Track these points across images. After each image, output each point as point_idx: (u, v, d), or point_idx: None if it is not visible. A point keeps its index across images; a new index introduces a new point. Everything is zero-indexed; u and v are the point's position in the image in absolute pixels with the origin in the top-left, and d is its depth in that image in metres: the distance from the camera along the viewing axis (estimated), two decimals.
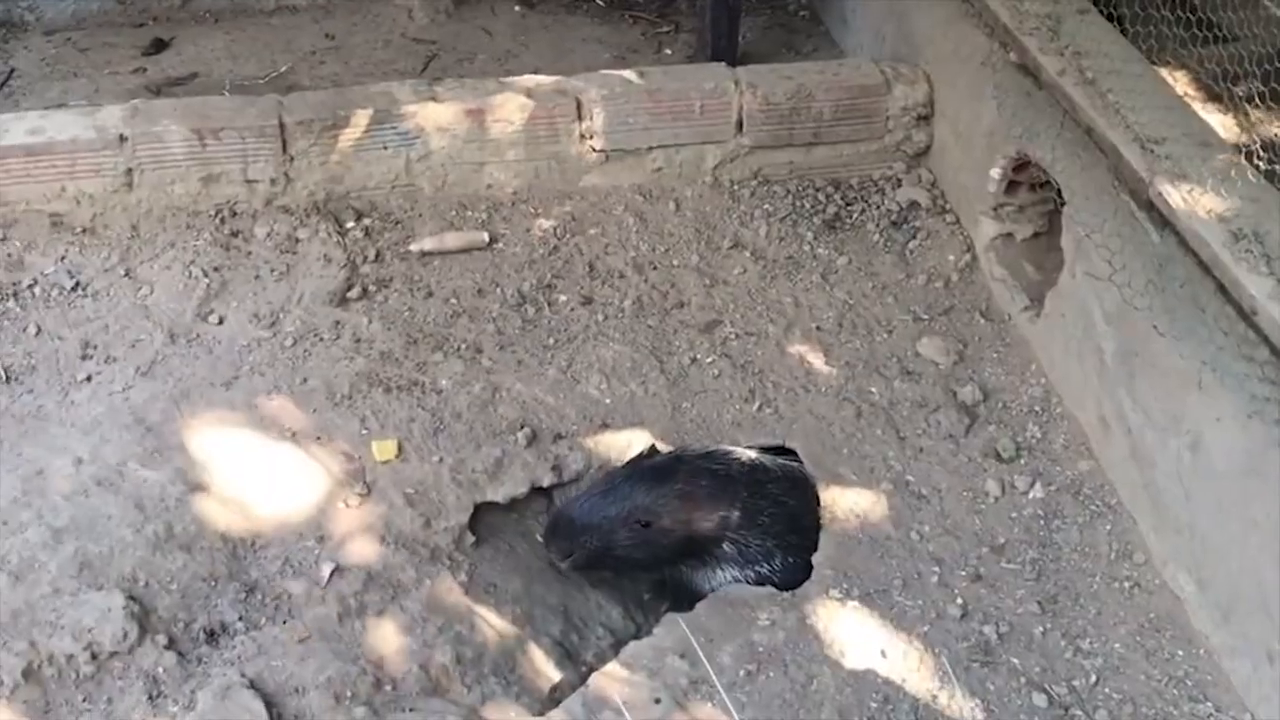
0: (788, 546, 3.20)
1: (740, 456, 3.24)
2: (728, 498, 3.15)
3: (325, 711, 2.62)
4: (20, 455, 3.07)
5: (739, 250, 3.95)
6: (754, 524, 3.18)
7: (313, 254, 3.80)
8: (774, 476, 3.25)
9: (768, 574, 3.18)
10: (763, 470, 3.24)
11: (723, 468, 3.19)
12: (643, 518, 3.09)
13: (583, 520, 3.10)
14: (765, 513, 3.19)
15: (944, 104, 4.07)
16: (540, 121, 4.00)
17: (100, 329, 3.50)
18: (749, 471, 3.21)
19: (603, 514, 3.09)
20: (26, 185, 3.72)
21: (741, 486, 3.17)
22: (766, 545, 3.19)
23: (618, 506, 3.09)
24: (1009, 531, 3.17)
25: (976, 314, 3.77)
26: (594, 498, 3.13)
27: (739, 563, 3.19)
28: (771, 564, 3.19)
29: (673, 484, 3.13)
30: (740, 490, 3.17)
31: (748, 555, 3.18)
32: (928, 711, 2.77)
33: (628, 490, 3.11)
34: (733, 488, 3.16)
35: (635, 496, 3.10)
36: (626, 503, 3.09)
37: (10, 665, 2.57)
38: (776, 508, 3.21)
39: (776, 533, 3.19)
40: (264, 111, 3.87)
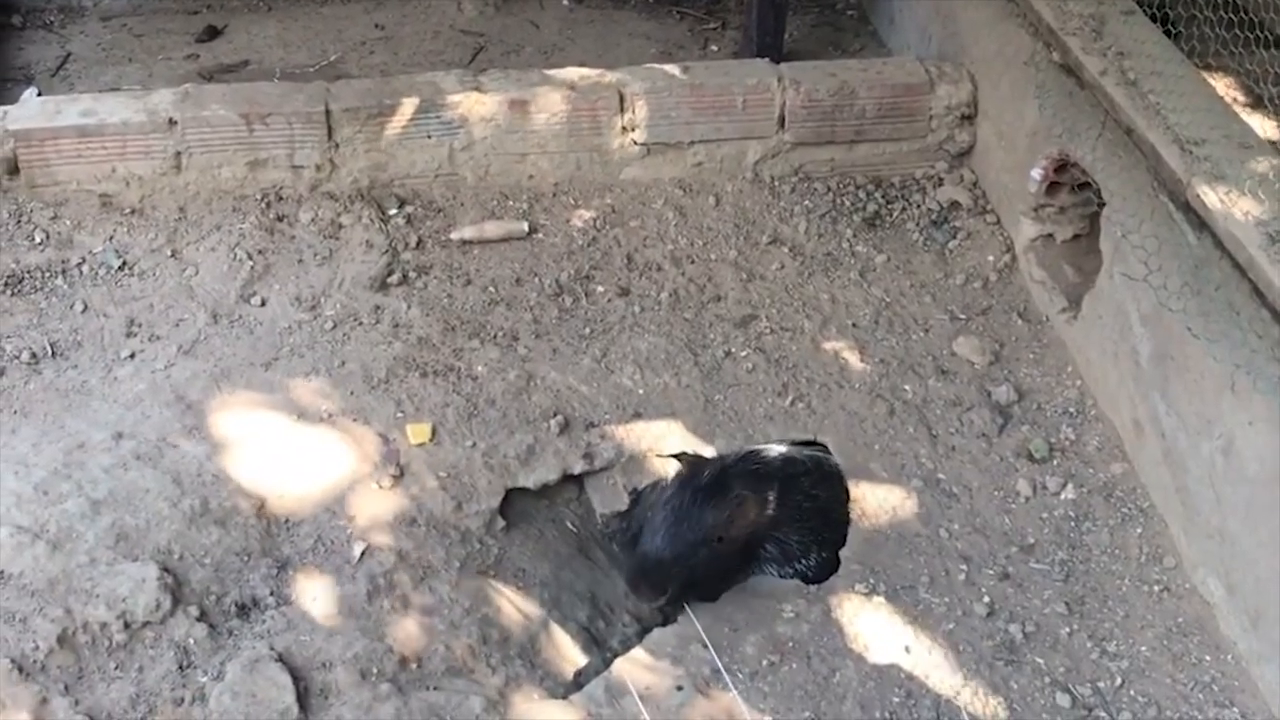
0: (822, 542, 3.20)
1: (772, 453, 3.24)
2: (772, 497, 3.15)
3: (351, 687, 2.66)
4: (62, 428, 3.14)
5: (777, 246, 3.96)
6: (793, 520, 3.19)
7: (355, 240, 3.84)
8: (805, 470, 3.25)
9: (804, 570, 3.18)
10: (794, 464, 3.24)
11: (760, 466, 3.19)
12: (717, 534, 3.06)
13: (670, 556, 3.02)
14: (801, 508, 3.20)
15: (987, 104, 4.06)
16: (583, 114, 4.02)
17: (145, 308, 3.56)
18: (782, 467, 3.21)
19: (685, 542, 3.03)
20: (78, 166, 3.80)
21: (778, 484, 3.17)
22: (805, 541, 3.19)
23: (694, 530, 3.04)
24: (1039, 532, 3.16)
25: (1014, 315, 3.76)
26: (669, 529, 3.05)
27: (781, 560, 3.19)
28: (808, 559, 3.19)
29: (731, 493, 3.09)
30: (778, 488, 3.17)
31: (789, 552, 3.19)
32: (950, 708, 2.77)
33: (698, 512, 3.05)
34: (773, 486, 3.16)
35: (706, 515, 3.05)
36: (700, 524, 3.04)
37: (46, 631, 2.63)
38: (810, 501, 3.22)
39: (812, 528, 3.20)
40: (311, 98, 3.93)
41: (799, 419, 3.44)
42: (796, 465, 3.25)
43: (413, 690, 2.69)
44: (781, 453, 3.26)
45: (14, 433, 3.12)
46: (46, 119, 3.77)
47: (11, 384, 3.29)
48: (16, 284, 3.58)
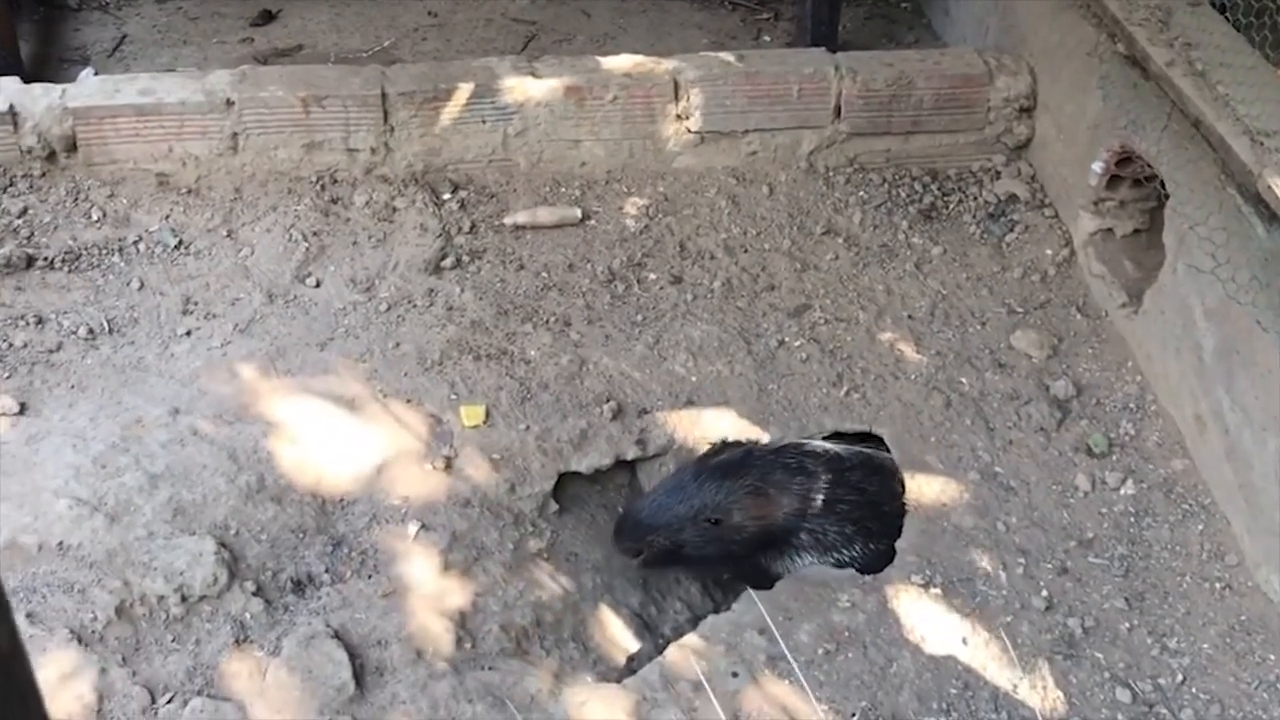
0: (869, 533, 3.18)
1: (814, 448, 3.22)
2: (801, 490, 3.13)
3: (406, 665, 2.66)
4: (120, 403, 3.15)
5: (832, 236, 3.93)
6: (831, 513, 3.17)
7: (409, 223, 3.84)
8: (850, 465, 3.23)
9: (847, 560, 3.17)
10: (837, 460, 3.22)
11: (795, 460, 3.17)
12: (712, 515, 3.06)
13: (650, 519, 3.05)
14: (844, 500, 3.17)
15: (1047, 96, 4.02)
16: (637, 101, 4.01)
17: (201, 286, 3.57)
18: (825, 463, 3.19)
19: (671, 513, 3.04)
20: (135, 145, 3.81)
21: (816, 478, 3.16)
22: (846, 532, 3.18)
23: (686, 505, 3.05)
24: (1098, 527, 3.12)
25: (1073, 309, 3.71)
26: (662, 496, 3.09)
27: (817, 549, 3.18)
28: (851, 550, 3.18)
29: (743, 480, 3.08)
30: (815, 481, 3.15)
31: (825, 543, 3.18)
32: (1008, 701, 2.74)
33: (695, 488, 3.06)
34: (806, 480, 3.14)
35: (704, 494, 3.05)
36: (695, 500, 3.05)
37: (104, 602, 2.63)
38: (856, 494, 3.20)
39: (855, 519, 3.18)
40: (368, 81, 3.93)
41: (854, 410, 3.41)
42: (839, 460, 3.22)
43: (467, 669, 2.68)
44: (825, 448, 3.23)
45: (72, 406, 3.14)
46: (105, 97, 3.79)
47: (69, 359, 3.31)
48: (74, 260, 3.60)
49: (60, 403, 3.15)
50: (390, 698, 2.57)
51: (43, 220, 3.67)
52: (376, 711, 2.55)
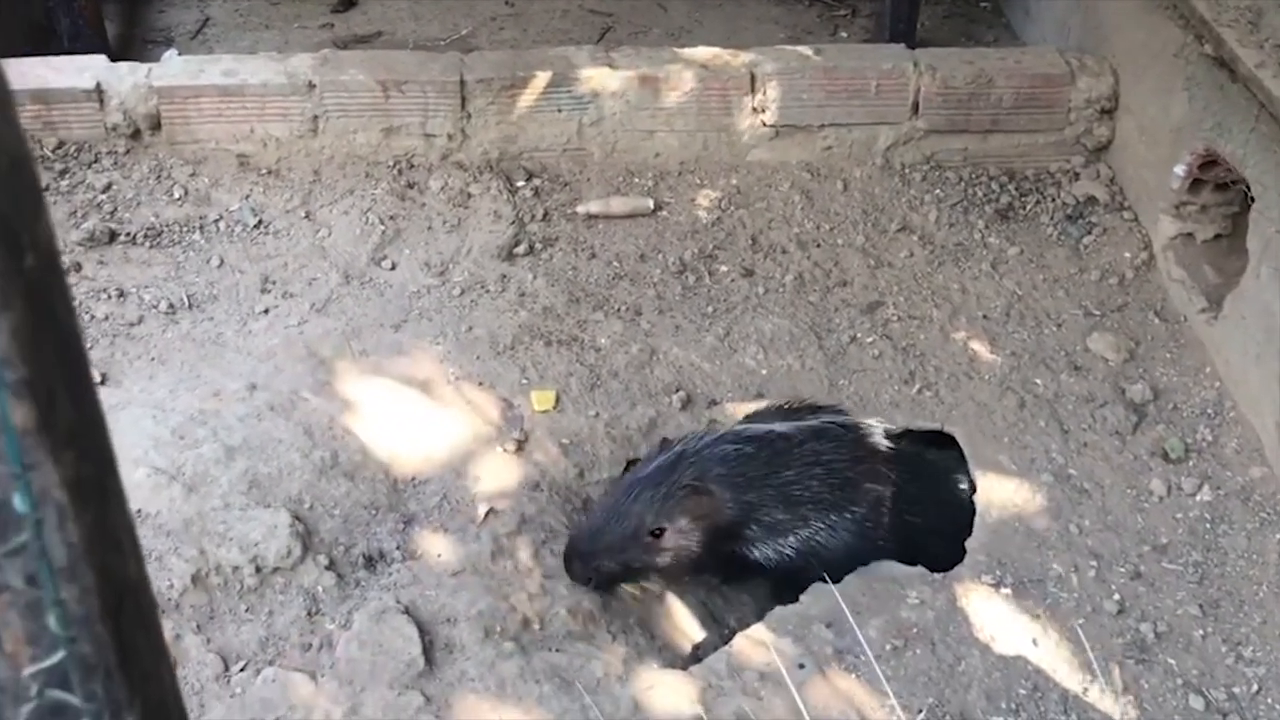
0: (832, 505, 3.02)
1: (754, 432, 3.03)
2: (743, 479, 2.96)
3: (475, 644, 2.67)
4: (199, 377, 3.19)
5: (906, 234, 3.91)
6: (779, 499, 2.99)
7: (483, 209, 3.86)
8: (800, 440, 3.04)
9: (811, 536, 3.02)
10: (783, 440, 3.03)
11: (734, 448, 2.98)
12: (653, 528, 2.90)
13: (590, 547, 2.88)
14: (794, 482, 3.00)
15: (1129, 98, 3.97)
16: (713, 93, 4.01)
17: (279, 266, 3.61)
18: (768, 445, 3.01)
19: (611, 535, 2.87)
20: (218, 125, 3.86)
21: (758, 462, 2.98)
22: (800, 512, 3.01)
23: (624, 524, 2.88)
24: (1172, 532, 3.08)
25: (1151, 313, 3.67)
26: (600, 518, 2.92)
27: (771, 536, 3.01)
28: (810, 527, 3.02)
29: (674, 485, 2.90)
30: (758, 467, 2.97)
31: (779, 528, 3.01)
32: (1078, 704, 2.70)
33: (631, 504, 2.89)
34: (747, 467, 2.97)
35: (637, 509, 2.88)
36: (631, 519, 2.87)
37: (180, 570, 2.67)
38: (808, 470, 3.01)
39: (811, 497, 3.01)
40: (446, 68, 3.96)
41: (926, 408, 3.39)
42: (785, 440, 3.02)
43: (535, 650, 2.69)
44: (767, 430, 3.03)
45: (151, 379, 3.18)
46: (189, 77, 3.84)
47: (149, 332, 3.36)
48: (155, 237, 3.65)
49: (140, 374, 3.20)
50: (459, 675, 2.58)
51: (126, 196, 3.73)
52: (445, 688, 2.56)
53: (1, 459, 0.60)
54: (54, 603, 0.65)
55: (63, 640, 0.66)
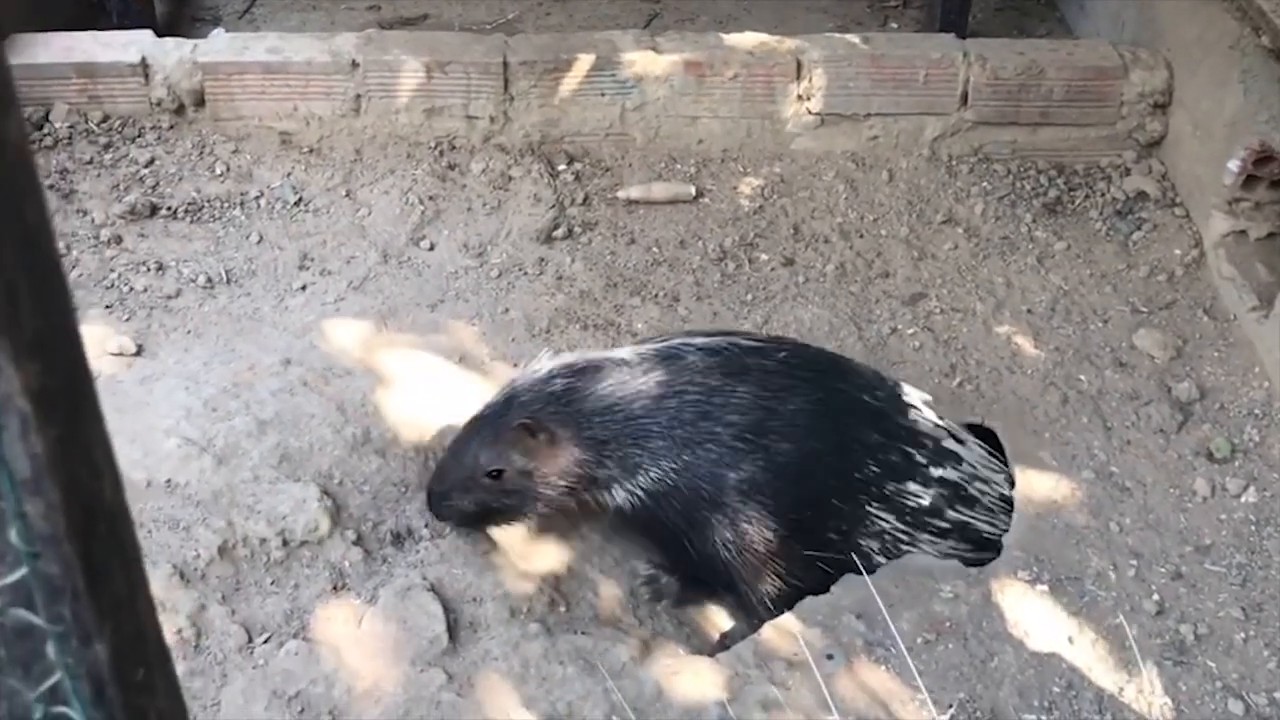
0: (687, 441, 2.79)
1: (590, 362, 2.84)
2: (577, 420, 2.77)
3: (500, 623, 2.64)
4: (234, 350, 3.19)
5: (951, 226, 3.85)
6: (625, 436, 2.79)
7: (523, 192, 3.84)
8: (645, 370, 2.82)
9: (661, 476, 2.79)
10: (625, 367, 2.82)
11: (564, 384, 2.79)
12: (490, 468, 2.77)
13: (440, 485, 2.81)
14: (639, 419, 2.79)
15: (1183, 92, 3.89)
16: (758, 79, 3.96)
17: (318, 243, 3.61)
18: (604, 376, 2.81)
19: (457, 474, 2.80)
20: (261, 102, 3.86)
21: (596, 397, 2.78)
22: (651, 446, 2.79)
23: (467, 463, 2.79)
24: (1216, 533, 3.00)
25: (1199, 311, 3.59)
26: (448, 458, 2.85)
27: (623, 475, 2.81)
28: (660, 467, 2.79)
29: (505, 428, 2.76)
30: (594, 402, 2.78)
31: (627, 464, 2.80)
32: (1113, 703, 2.64)
33: (470, 444, 2.80)
34: (584, 402, 2.78)
35: (473, 450, 2.79)
36: (469, 459, 2.79)
37: (207, 541, 2.67)
38: (654, 402, 2.79)
39: (661, 429, 2.79)
40: (490, 50, 3.94)
41: (966, 401, 3.33)
42: (623, 367, 2.81)
43: (560, 632, 2.66)
44: (605, 358, 2.85)
45: (187, 351, 3.19)
46: (234, 54, 3.85)
47: (186, 305, 3.36)
48: (196, 212, 3.66)
49: (176, 346, 3.20)
50: (483, 653, 2.56)
51: (168, 171, 3.74)
52: (468, 666, 2.54)
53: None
54: (16, 515, 0.62)
55: (25, 556, 0.64)
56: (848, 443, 2.90)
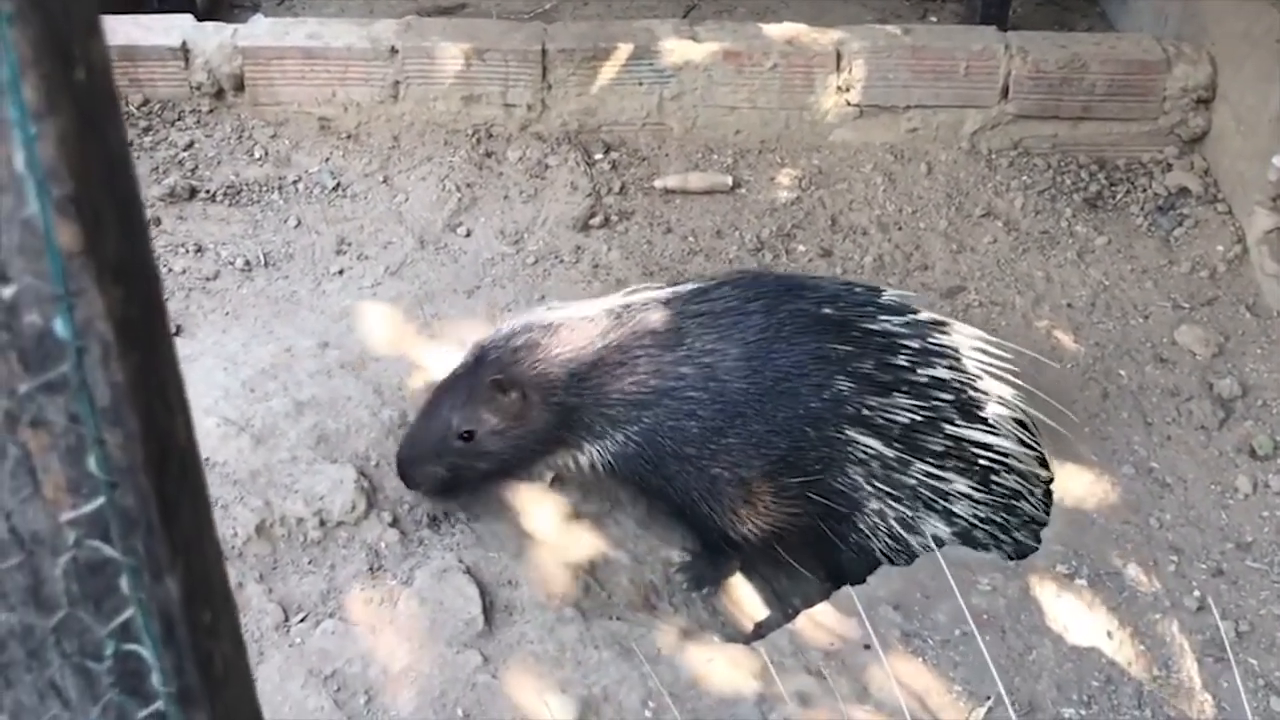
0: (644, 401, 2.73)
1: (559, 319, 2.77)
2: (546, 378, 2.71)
3: (535, 607, 2.64)
4: (272, 333, 3.20)
5: (991, 219, 3.82)
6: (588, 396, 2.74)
7: (560, 181, 3.84)
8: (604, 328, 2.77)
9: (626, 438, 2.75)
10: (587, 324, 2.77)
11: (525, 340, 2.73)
12: (461, 430, 2.72)
13: (411, 453, 2.75)
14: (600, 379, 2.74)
15: (1227, 87, 3.84)
16: (797, 70, 3.94)
17: (356, 228, 3.61)
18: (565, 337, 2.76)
19: (428, 441, 2.74)
20: (300, 87, 3.87)
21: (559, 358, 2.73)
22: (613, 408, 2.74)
23: (438, 428, 2.73)
24: (1258, 530, 2.97)
25: (1242, 308, 3.55)
26: (418, 425, 2.79)
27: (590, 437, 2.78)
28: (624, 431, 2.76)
29: (477, 386, 2.71)
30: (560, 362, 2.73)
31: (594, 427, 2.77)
32: (1152, 699, 2.61)
33: (438, 407, 2.75)
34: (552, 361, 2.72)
35: (443, 413, 2.73)
36: (441, 422, 2.73)
37: (245, 519, 2.67)
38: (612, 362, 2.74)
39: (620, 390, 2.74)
40: (529, 37, 3.93)
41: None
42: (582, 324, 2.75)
43: (595, 617, 2.66)
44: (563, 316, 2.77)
45: (225, 332, 3.20)
46: (274, 38, 3.86)
47: (225, 287, 3.37)
48: (235, 195, 3.67)
49: (214, 328, 3.21)
50: (518, 636, 2.56)
51: (207, 155, 3.75)
52: (504, 649, 2.53)
53: (45, 280, 0.57)
54: (95, 442, 0.62)
55: (103, 485, 0.63)
56: (807, 363, 2.77)
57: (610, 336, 2.76)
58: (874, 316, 2.85)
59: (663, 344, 2.76)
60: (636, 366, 2.73)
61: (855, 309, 2.86)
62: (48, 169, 0.55)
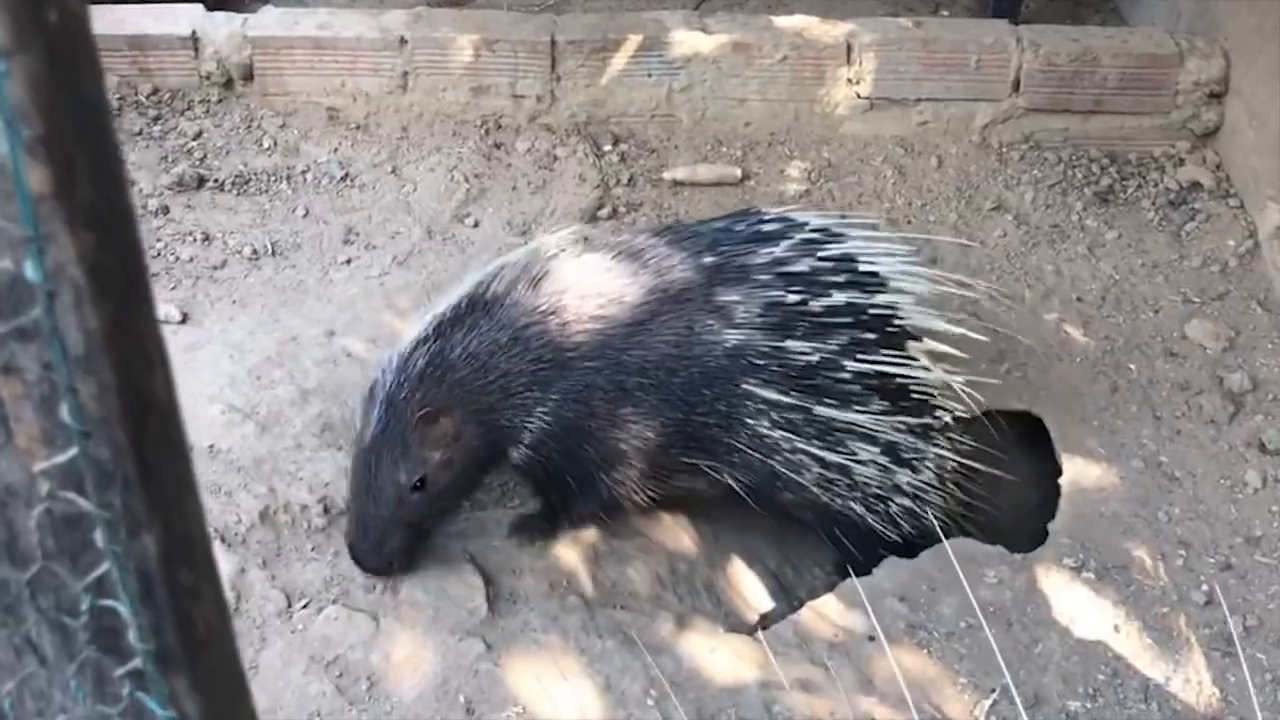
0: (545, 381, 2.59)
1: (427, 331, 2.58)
2: (459, 392, 2.55)
3: (540, 596, 2.63)
4: (278, 321, 3.19)
5: (1001, 213, 3.80)
6: (507, 380, 2.57)
7: (569, 172, 3.83)
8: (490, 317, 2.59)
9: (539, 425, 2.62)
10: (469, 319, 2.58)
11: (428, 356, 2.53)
12: (411, 481, 2.53)
13: (369, 542, 2.54)
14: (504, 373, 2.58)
15: (1240, 81, 3.82)
16: (807, 62, 3.93)
17: (364, 218, 3.61)
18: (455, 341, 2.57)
19: (379, 519, 2.52)
20: (309, 77, 3.87)
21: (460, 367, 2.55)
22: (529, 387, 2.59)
23: (383, 500, 2.51)
24: (1267, 525, 2.95)
25: (1253, 303, 3.52)
26: (359, 508, 2.55)
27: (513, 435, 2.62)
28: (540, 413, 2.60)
29: (406, 431, 2.49)
30: (462, 370, 2.56)
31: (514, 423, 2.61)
32: (1159, 692, 2.60)
33: (374, 477, 2.50)
34: (454, 374, 2.55)
35: (384, 477, 2.50)
36: (385, 490, 2.50)
37: (249, 506, 2.67)
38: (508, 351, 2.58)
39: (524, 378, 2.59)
40: (538, 28, 3.93)
41: (1014, 388, 3.29)
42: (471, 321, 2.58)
43: (599, 606, 2.65)
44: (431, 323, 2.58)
45: (231, 320, 3.20)
46: (284, 28, 3.86)
47: (232, 276, 3.37)
48: (243, 184, 3.67)
49: (220, 316, 3.21)
50: (521, 624, 2.55)
51: (216, 144, 3.76)
52: (507, 636, 2.53)
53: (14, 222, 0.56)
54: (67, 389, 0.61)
55: (76, 436, 0.63)
56: (690, 322, 2.63)
57: (497, 323, 2.58)
58: (758, 251, 2.69)
59: (548, 322, 2.59)
60: (530, 345, 2.57)
61: (738, 249, 2.70)
62: (17, 108, 0.55)
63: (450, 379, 2.53)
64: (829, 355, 2.66)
